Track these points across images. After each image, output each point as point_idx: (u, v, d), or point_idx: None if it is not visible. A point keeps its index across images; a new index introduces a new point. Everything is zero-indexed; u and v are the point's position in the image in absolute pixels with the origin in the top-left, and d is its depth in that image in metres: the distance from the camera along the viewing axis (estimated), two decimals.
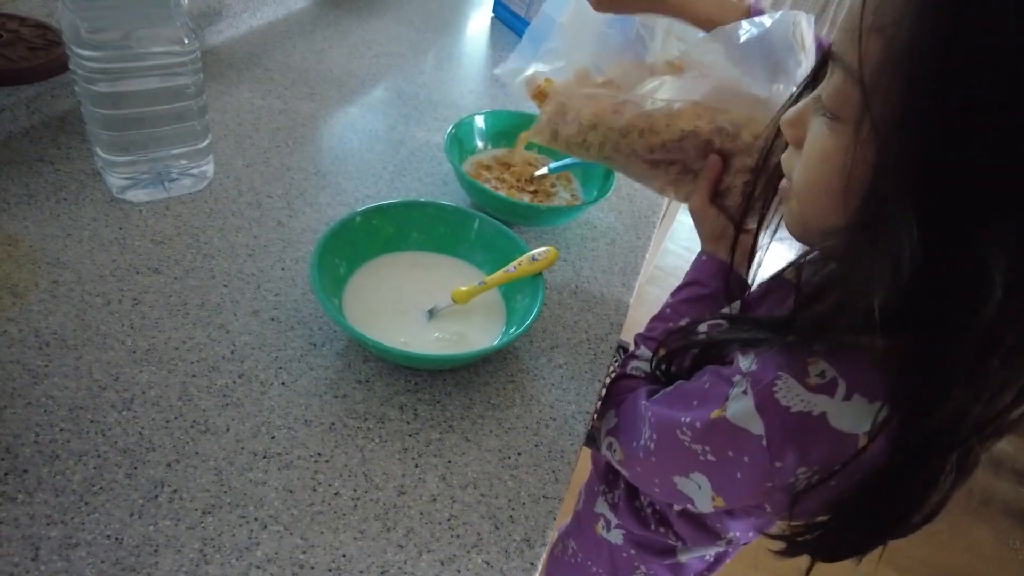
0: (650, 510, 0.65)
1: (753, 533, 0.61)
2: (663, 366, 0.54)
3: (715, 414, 0.45)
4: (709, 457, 0.46)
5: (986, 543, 1.73)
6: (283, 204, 0.75)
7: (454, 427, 0.56)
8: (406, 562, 0.47)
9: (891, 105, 0.32)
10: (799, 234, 0.43)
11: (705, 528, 0.60)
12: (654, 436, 0.51)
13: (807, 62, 0.58)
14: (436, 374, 0.60)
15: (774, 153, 0.51)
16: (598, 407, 0.63)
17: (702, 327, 0.51)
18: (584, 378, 0.63)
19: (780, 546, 0.46)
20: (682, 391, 0.51)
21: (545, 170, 0.84)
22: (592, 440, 0.62)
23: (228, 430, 0.52)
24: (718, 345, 0.49)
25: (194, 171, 0.73)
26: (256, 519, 0.47)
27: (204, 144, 0.72)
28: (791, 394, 0.40)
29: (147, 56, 0.63)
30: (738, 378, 0.45)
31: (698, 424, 0.47)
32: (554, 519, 0.52)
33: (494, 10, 1.38)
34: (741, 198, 0.59)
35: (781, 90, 0.58)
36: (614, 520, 0.68)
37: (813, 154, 0.38)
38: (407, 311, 0.64)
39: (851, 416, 0.39)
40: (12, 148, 0.73)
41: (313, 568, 0.45)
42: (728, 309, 0.56)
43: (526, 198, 0.81)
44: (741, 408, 0.43)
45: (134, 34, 0.62)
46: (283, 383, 0.56)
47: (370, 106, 0.98)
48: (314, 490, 0.50)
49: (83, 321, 0.57)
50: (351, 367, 0.59)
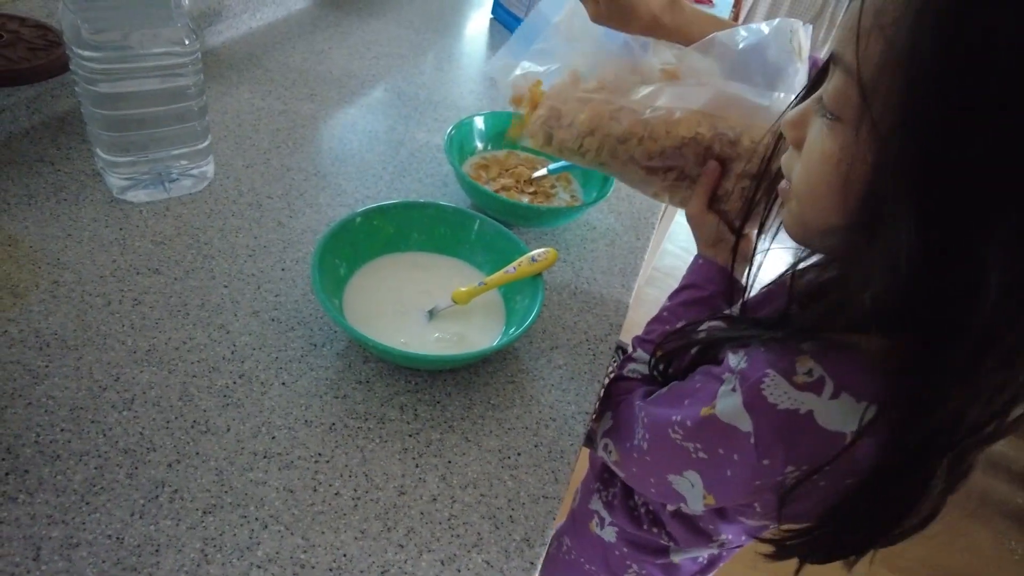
0: (644, 509, 0.65)
1: (746, 537, 0.61)
2: (660, 367, 0.55)
3: (705, 412, 0.45)
4: (701, 455, 0.47)
5: (984, 544, 1.74)
6: (283, 205, 0.76)
7: (454, 427, 0.56)
8: (406, 562, 0.47)
9: (891, 105, 0.32)
10: (799, 235, 0.43)
11: (697, 530, 0.61)
12: (647, 436, 0.52)
13: (804, 70, 0.58)
14: (436, 374, 0.60)
15: (775, 158, 0.51)
16: (597, 408, 0.64)
17: (702, 328, 0.52)
18: (583, 379, 0.64)
19: (769, 549, 0.46)
20: (675, 391, 0.52)
21: (544, 171, 0.84)
22: (591, 441, 0.62)
23: (229, 430, 0.52)
24: (715, 345, 0.49)
25: (194, 172, 0.73)
26: (257, 519, 0.47)
27: (204, 145, 0.73)
28: (778, 392, 0.41)
29: (147, 57, 0.63)
30: (728, 376, 0.45)
31: (689, 422, 0.47)
32: (554, 519, 0.52)
33: (493, 12, 1.39)
34: (740, 203, 0.59)
35: (781, 98, 0.58)
36: (608, 518, 0.68)
37: (813, 155, 0.38)
38: (407, 312, 0.64)
39: (839, 415, 0.39)
40: (12, 148, 0.73)
41: (314, 568, 0.45)
42: (730, 311, 0.56)
43: (525, 199, 0.81)
44: (730, 405, 0.43)
45: (134, 35, 0.62)
46: (283, 383, 0.57)
47: (370, 107, 0.98)
48: (315, 490, 0.50)
49: (83, 321, 0.57)
50: (351, 367, 0.59)
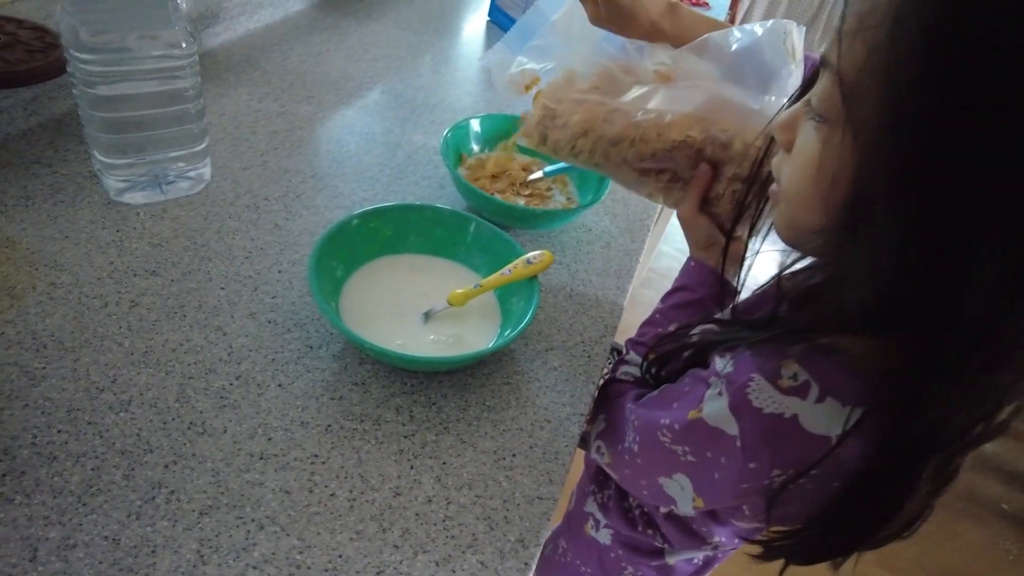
0: (638, 511, 0.65)
1: (739, 540, 0.61)
2: (652, 370, 0.55)
3: (692, 415, 0.46)
4: (689, 458, 0.47)
5: (978, 544, 1.74)
6: (280, 207, 0.76)
7: (450, 429, 0.57)
8: (402, 562, 0.47)
9: (878, 108, 0.32)
10: (788, 237, 0.43)
11: (691, 532, 0.61)
12: (637, 438, 0.52)
13: (798, 72, 0.58)
14: (432, 376, 0.61)
15: (766, 161, 0.51)
16: (591, 410, 0.64)
17: (694, 332, 0.52)
18: (579, 380, 0.64)
19: (758, 550, 0.46)
20: (665, 394, 0.52)
21: (540, 173, 0.84)
22: (585, 442, 0.63)
23: (225, 431, 0.52)
24: (706, 349, 0.49)
25: (191, 174, 0.74)
26: (253, 520, 0.47)
27: (201, 147, 0.73)
28: (763, 396, 0.41)
29: (145, 59, 0.64)
30: (714, 379, 0.45)
31: (677, 425, 0.47)
32: (548, 520, 0.52)
33: (490, 14, 1.39)
34: (732, 206, 0.59)
35: (773, 101, 0.58)
36: (603, 520, 0.69)
37: (802, 157, 0.39)
38: (404, 314, 0.64)
39: (824, 419, 0.39)
40: (9, 150, 0.73)
41: (310, 568, 0.46)
42: (722, 315, 0.57)
43: (521, 201, 0.82)
44: (716, 409, 0.43)
45: (132, 37, 0.62)
46: (280, 385, 0.57)
47: (367, 109, 0.99)
48: (311, 491, 0.50)
49: (81, 323, 0.58)
50: (348, 369, 0.60)
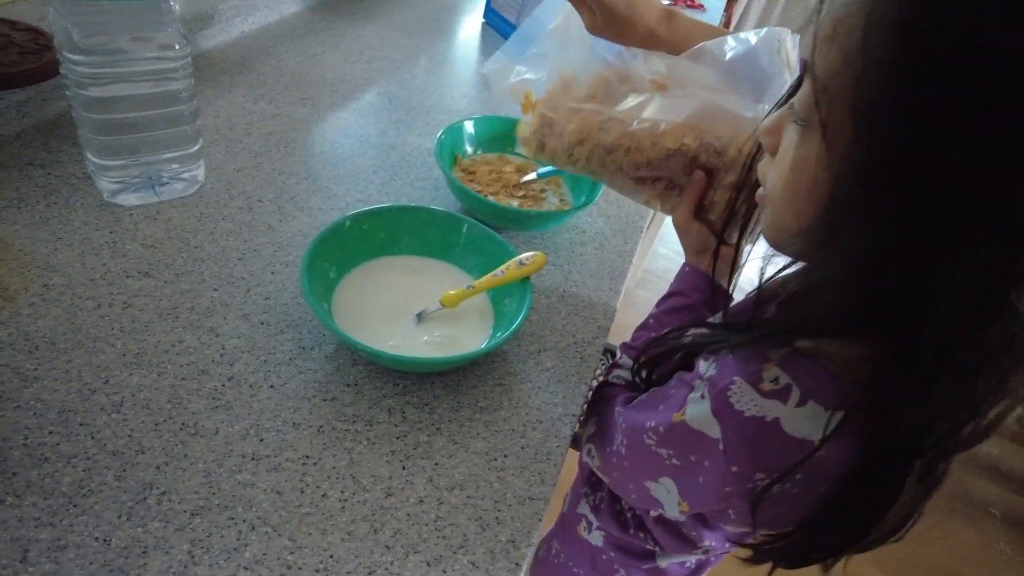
0: (630, 514, 0.65)
1: (729, 544, 0.61)
2: (642, 373, 0.55)
3: (676, 418, 0.46)
4: (674, 461, 0.47)
5: (972, 544, 1.75)
6: (274, 208, 0.76)
7: (442, 430, 0.57)
8: (393, 563, 0.47)
9: (856, 108, 0.32)
10: (774, 240, 0.43)
11: (681, 536, 0.61)
12: (625, 441, 0.52)
13: (792, 80, 0.58)
14: (424, 377, 0.61)
15: (756, 166, 0.51)
16: (584, 409, 0.64)
17: (686, 335, 0.52)
18: (571, 381, 0.64)
19: (747, 553, 0.46)
20: (653, 397, 0.52)
21: (534, 175, 0.84)
22: (577, 443, 0.63)
23: (217, 432, 0.52)
24: (694, 352, 0.49)
25: (185, 175, 0.74)
26: (245, 520, 0.48)
27: (195, 148, 0.73)
28: (745, 399, 0.41)
29: (139, 61, 0.64)
30: (698, 382, 0.45)
31: (661, 428, 0.47)
32: (540, 520, 0.52)
33: (485, 16, 1.39)
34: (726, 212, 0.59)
35: (767, 109, 0.58)
36: (595, 522, 0.69)
37: (785, 160, 0.39)
38: (397, 315, 0.64)
39: (806, 422, 0.39)
40: (3, 152, 0.73)
41: (301, 569, 0.46)
42: (713, 319, 0.57)
43: (515, 203, 0.82)
44: (699, 412, 0.44)
45: (125, 39, 0.63)
46: (272, 386, 0.57)
47: (362, 111, 0.99)
48: (302, 492, 0.50)
49: (73, 324, 0.58)
50: (340, 370, 0.60)
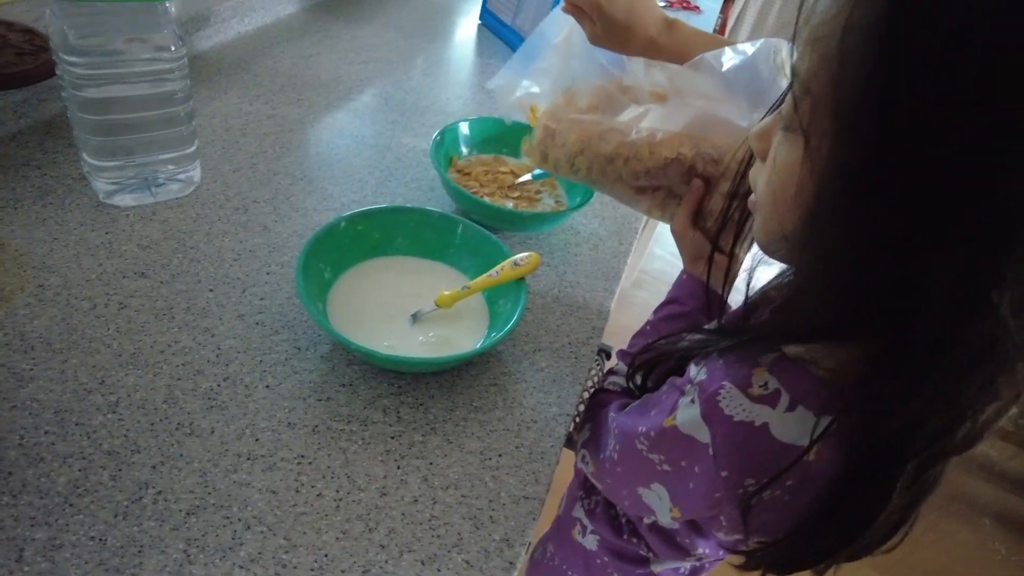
0: (624, 519, 0.65)
1: (723, 552, 0.61)
2: (636, 379, 0.55)
3: (667, 422, 0.46)
4: (665, 467, 0.47)
5: (968, 545, 1.75)
6: (270, 209, 0.76)
7: (436, 429, 0.57)
8: (387, 562, 0.47)
9: (837, 109, 0.32)
10: (764, 245, 0.43)
11: (674, 543, 0.61)
12: (617, 447, 0.52)
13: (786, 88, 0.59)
14: (419, 377, 0.61)
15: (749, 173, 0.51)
16: (579, 410, 0.65)
17: (681, 340, 0.52)
18: (566, 381, 0.64)
19: (740, 560, 0.46)
20: (645, 402, 0.52)
21: (529, 176, 0.85)
22: (572, 443, 0.63)
23: (213, 432, 0.53)
24: (687, 357, 0.49)
25: (181, 176, 0.74)
26: (240, 520, 0.48)
27: (191, 149, 0.73)
28: (734, 403, 0.41)
29: (134, 62, 0.64)
30: (688, 387, 0.45)
31: (652, 433, 0.47)
32: (534, 520, 0.53)
33: (481, 17, 1.40)
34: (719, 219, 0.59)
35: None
36: (590, 526, 0.69)
37: (774, 165, 0.39)
38: (392, 315, 0.65)
39: (795, 428, 0.39)
40: None
41: (296, 568, 0.46)
42: (708, 325, 0.57)
43: (510, 204, 0.82)
44: (689, 416, 0.43)
45: (121, 40, 0.63)
46: (268, 386, 0.57)
47: (358, 112, 0.99)
48: (297, 491, 0.50)
49: (69, 325, 0.58)
50: (335, 371, 0.60)
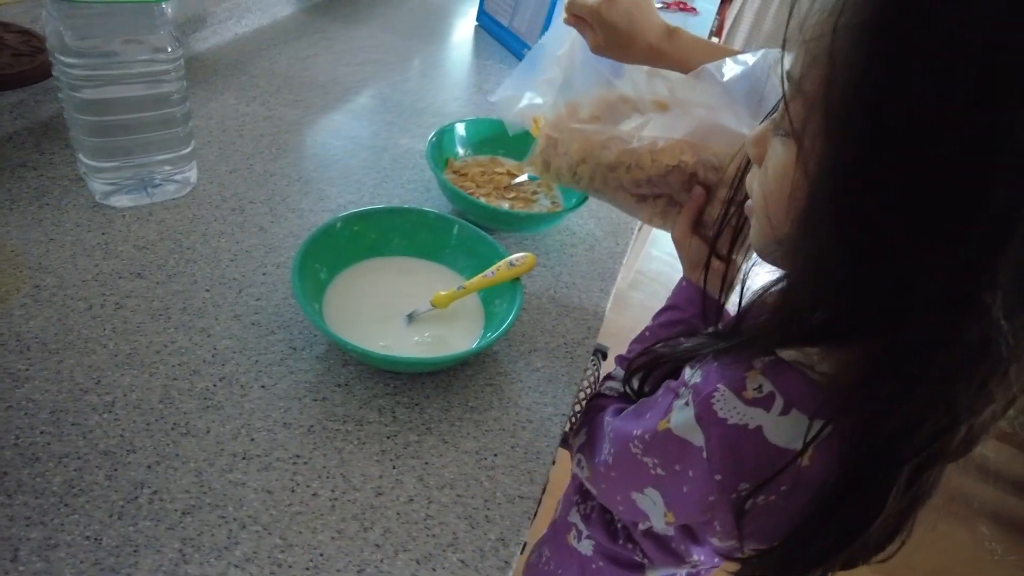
0: (619, 524, 0.65)
1: (719, 559, 0.61)
2: (633, 383, 0.55)
3: (661, 425, 0.46)
4: (659, 471, 0.47)
5: (963, 544, 1.76)
6: (266, 210, 0.76)
7: (432, 429, 0.57)
8: (383, 561, 0.48)
9: (836, 109, 0.32)
10: (760, 249, 0.43)
11: (668, 550, 0.61)
12: (612, 450, 0.52)
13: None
14: (415, 377, 0.61)
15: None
16: (575, 411, 0.65)
17: (679, 345, 0.51)
18: (561, 381, 0.65)
19: (735, 567, 0.46)
20: (640, 406, 0.52)
21: (525, 177, 0.85)
22: (567, 443, 0.63)
23: (209, 432, 0.53)
24: (683, 361, 0.49)
25: (177, 177, 0.74)
26: (235, 519, 0.48)
27: (188, 150, 0.73)
28: (728, 406, 0.41)
29: (131, 64, 0.64)
30: (683, 390, 0.45)
31: (647, 436, 0.47)
32: (529, 519, 0.53)
33: (478, 19, 1.40)
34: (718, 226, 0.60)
35: None
36: (585, 531, 0.68)
37: (769, 170, 0.39)
38: (388, 316, 0.65)
39: (789, 431, 0.39)
40: None
41: (291, 567, 0.46)
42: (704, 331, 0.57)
43: (506, 205, 0.83)
44: (683, 419, 0.43)
45: (118, 42, 0.63)
46: (263, 386, 0.57)
47: (354, 113, 0.99)
48: (293, 491, 0.50)
49: (65, 325, 0.58)
50: (331, 371, 0.60)
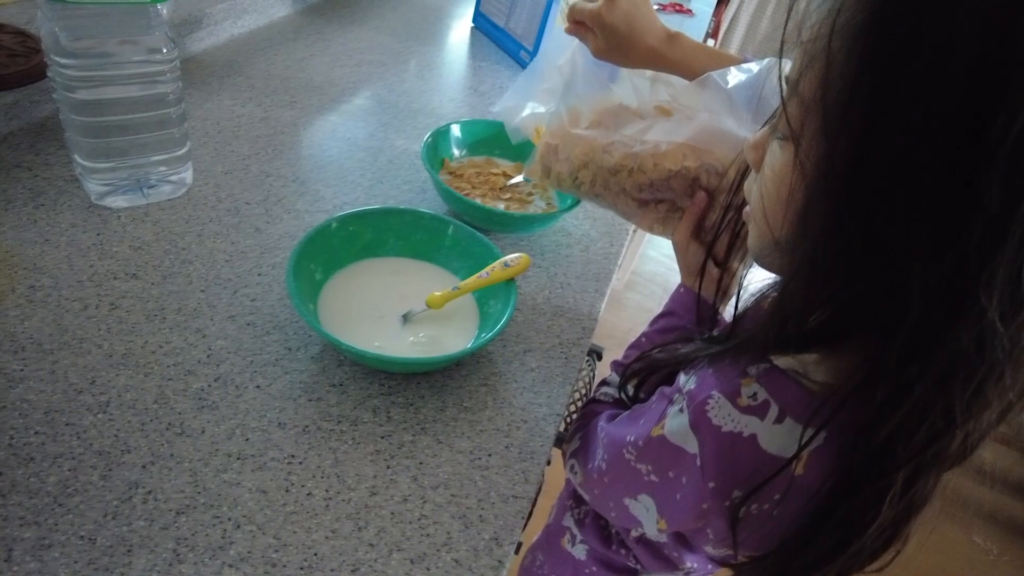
0: (613, 529, 0.65)
1: (712, 566, 0.61)
2: (628, 389, 0.55)
3: (655, 431, 0.46)
4: (652, 477, 0.47)
5: (959, 544, 1.76)
6: (262, 211, 0.76)
7: (426, 429, 0.57)
8: (377, 560, 0.48)
9: (833, 111, 0.32)
10: (757, 255, 0.43)
11: (661, 556, 0.61)
12: (606, 456, 0.52)
13: None
14: (410, 378, 0.61)
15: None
16: (570, 411, 0.65)
17: (675, 351, 0.51)
18: (556, 381, 0.65)
19: (729, 574, 0.47)
20: (635, 412, 0.52)
21: (520, 178, 0.85)
22: (561, 441, 0.64)
23: (203, 432, 0.53)
24: (678, 367, 0.49)
25: (173, 178, 0.74)
26: (230, 519, 0.48)
27: (183, 151, 0.73)
28: (722, 413, 0.41)
29: (126, 64, 0.64)
30: (677, 396, 0.45)
31: (640, 442, 0.47)
32: (523, 519, 0.53)
33: (474, 20, 1.40)
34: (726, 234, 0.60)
35: None
36: (579, 536, 0.69)
37: (767, 174, 0.39)
38: (382, 316, 0.65)
39: (783, 439, 0.39)
40: None
41: (286, 567, 0.46)
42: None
43: (501, 205, 0.83)
44: (678, 425, 0.43)
45: (113, 42, 0.63)
46: (258, 386, 0.57)
47: (350, 114, 1.00)
48: (287, 491, 0.51)
49: (60, 326, 0.58)
50: (326, 371, 0.60)
